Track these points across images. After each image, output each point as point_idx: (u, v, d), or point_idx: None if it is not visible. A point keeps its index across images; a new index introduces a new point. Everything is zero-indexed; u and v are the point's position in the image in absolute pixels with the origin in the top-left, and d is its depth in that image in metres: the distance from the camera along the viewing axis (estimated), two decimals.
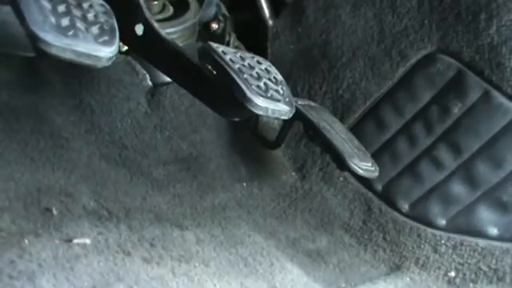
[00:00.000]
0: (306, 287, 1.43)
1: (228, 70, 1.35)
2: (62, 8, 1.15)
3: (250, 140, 1.86)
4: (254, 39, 2.02)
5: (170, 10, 1.81)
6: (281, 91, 1.40)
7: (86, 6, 1.21)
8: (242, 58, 1.40)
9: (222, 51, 1.38)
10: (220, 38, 1.91)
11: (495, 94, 1.67)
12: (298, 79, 1.91)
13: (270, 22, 2.01)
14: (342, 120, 1.77)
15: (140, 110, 1.74)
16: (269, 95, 1.35)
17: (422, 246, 1.64)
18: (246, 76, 1.35)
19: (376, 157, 1.68)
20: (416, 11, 1.80)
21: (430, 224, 1.66)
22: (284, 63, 1.91)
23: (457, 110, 1.70)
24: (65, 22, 1.13)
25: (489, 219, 1.63)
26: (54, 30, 1.11)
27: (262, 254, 1.47)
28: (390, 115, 1.78)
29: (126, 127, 1.70)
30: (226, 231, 1.54)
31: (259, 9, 2.02)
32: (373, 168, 1.59)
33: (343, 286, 1.52)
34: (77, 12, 1.17)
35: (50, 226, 1.31)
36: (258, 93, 1.33)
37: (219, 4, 1.94)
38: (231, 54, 1.39)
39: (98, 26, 1.18)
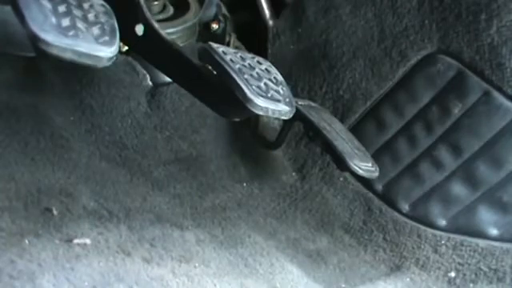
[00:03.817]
0: (306, 287, 1.43)
1: (228, 70, 1.35)
2: (62, 8, 1.15)
3: (250, 140, 1.86)
4: (254, 40, 2.01)
5: (171, 11, 1.81)
6: (281, 91, 1.40)
7: (86, 6, 1.21)
8: (243, 59, 1.40)
9: (223, 51, 1.38)
10: (220, 39, 1.91)
11: (495, 94, 1.67)
12: (298, 79, 1.91)
13: (270, 23, 2.01)
14: (342, 120, 1.77)
15: (140, 110, 1.74)
16: (269, 95, 1.35)
17: (422, 247, 1.64)
18: (246, 76, 1.35)
19: (376, 157, 1.68)
20: (416, 11, 1.80)
21: (431, 224, 1.66)
22: (284, 63, 1.91)
23: (457, 110, 1.70)
24: (65, 22, 1.13)
25: (489, 220, 1.63)
26: (54, 30, 1.11)
27: (262, 255, 1.47)
28: (391, 115, 1.78)
29: (127, 127, 1.70)
30: (226, 231, 1.54)
31: (259, 9, 2.02)
32: (373, 168, 1.59)
33: (343, 286, 1.52)
34: (77, 12, 1.17)
35: (50, 226, 1.31)
36: (258, 93, 1.33)
37: (219, 4, 1.94)
38: (231, 55, 1.39)
39: (98, 27, 1.18)
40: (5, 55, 1.64)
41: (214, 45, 1.39)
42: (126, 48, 1.66)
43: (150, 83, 1.77)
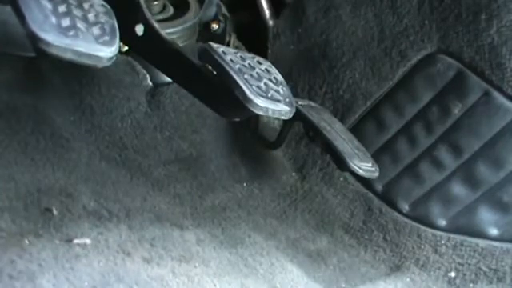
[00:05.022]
0: (306, 287, 1.43)
1: (228, 70, 1.35)
2: (62, 8, 1.15)
3: (250, 140, 1.86)
4: (255, 39, 2.02)
5: (171, 11, 1.81)
6: (281, 91, 1.40)
7: (86, 6, 1.21)
8: (243, 59, 1.40)
9: (223, 51, 1.38)
10: (220, 39, 1.92)
11: (495, 94, 1.67)
12: (298, 79, 1.91)
13: (271, 23, 2.01)
14: (342, 120, 1.77)
15: (140, 110, 1.74)
16: (269, 95, 1.35)
17: (422, 247, 1.64)
18: (246, 76, 1.35)
19: (376, 157, 1.68)
20: (416, 11, 1.80)
21: (431, 224, 1.66)
22: (284, 63, 1.91)
23: (457, 110, 1.70)
24: (65, 22, 1.13)
25: (489, 220, 1.63)
26: (54, 30, 1.11)
27: (262, 255, 1.47)
28: (390, 115, 1.78)
29: (127, 127, 1.70)
30: (226, 231, 1.54)
31: (259, 9, 2.02)
32: (373, 168, 1.59)
33: (343, 286, 1.52)
34: (77, 12, 1.17)
35: (50, 226, 1.31)
36: (258, 93, 1.33)
37: (219, 4, 1.94)
38: (231, 55, 1.39)
39: (98, 27, 1.18)
40: (5, 55, 1.64)
41: (214, 45, 1.39)
42: (126, 48, 1.66)
43: (150, 83, 1.77)
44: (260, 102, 1.33)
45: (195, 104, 1.75)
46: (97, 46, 1.14)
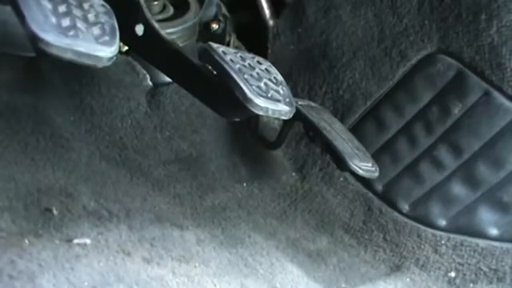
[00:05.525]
0: (306, 287, 1.43)
1: (228, 70, 1.35)
2: (62, 8, 1.15)
3: (250, 140, 1.86)
4: (255, 39, 2.02)
5: (171, 11, 1.81)
6: (281, 91, 1.40)
7: (86, 6, 1.21)
8: (243, 59, 1.40)
9: (223, 51, 1.38)
10: (220, 39, 1.92)
11: (495, 94, 1.67)
12: (298, 79, 1.91)
13: (271, 23, 2.01)
14: (342, 120, 1.77)
15: (140, 110, 1.74)
16: (269, 95, 1.35)
17: (422, 247, 1.64)
18: (246, 76, 1.35)
19: (376, 157, 1.68)
20: (416, 11, 1.80)
21: (431, 224, 1.66)
22: (284, 63, 1.91)
23: (457, 110, 1.70)
24: (65, 22, 1.13)
25: (489, 220, 1.63)
26: (54, 30, 1.11)
27: (262, 255, 1.47)
28: (390, 115, 1.78)
29: (127, 127, 1.70)
30: (226, 231, 1.54)
31: (259, 9, 2.02)
32: (373, 168, 1.59)
33: (343, 286, 1.52)
34: (77, 12, 1.17)
35: (50, 226, 1.31)
36: (258, 93, 1.33)
37: (219, 4, 1.94)
38: (231, 55, 1.39)
39: (98, 27, 1.18)
40: (5, 55, 1.64)
41: (214, 45, 1.39)
42: (126, 48, 1.66)
43: (150, 83, 1.77)
44: (260, 102, 1.33)
45: (195, 104, 1.75)
46: (97, 45, 1.14)
